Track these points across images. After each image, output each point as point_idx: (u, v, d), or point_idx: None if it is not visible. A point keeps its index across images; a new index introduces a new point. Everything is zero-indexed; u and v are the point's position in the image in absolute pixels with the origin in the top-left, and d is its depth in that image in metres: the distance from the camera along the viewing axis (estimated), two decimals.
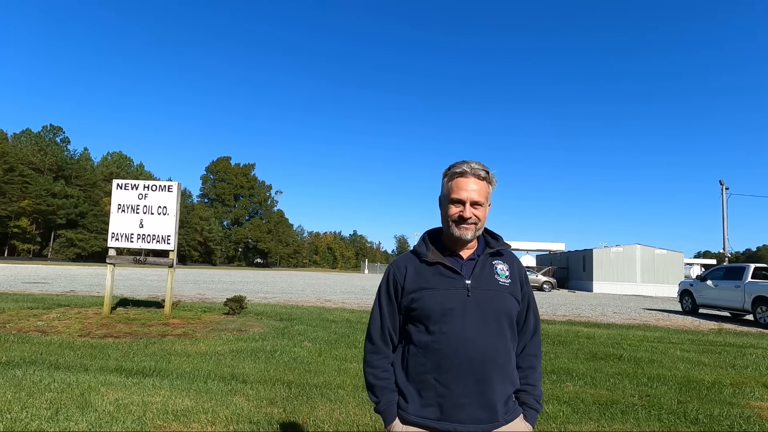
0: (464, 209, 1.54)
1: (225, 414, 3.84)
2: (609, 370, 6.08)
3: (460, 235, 1.55)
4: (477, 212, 1.55)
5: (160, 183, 9.40)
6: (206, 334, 7.57)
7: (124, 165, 77.14)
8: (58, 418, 3.59)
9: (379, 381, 1.60)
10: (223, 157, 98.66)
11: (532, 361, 1.64)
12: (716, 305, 15.14)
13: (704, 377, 5.85)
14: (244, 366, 5.55)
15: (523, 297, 1.64)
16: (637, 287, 33.69)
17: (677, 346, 8.37)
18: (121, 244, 9.09)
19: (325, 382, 5.00)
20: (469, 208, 1.54)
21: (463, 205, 1.55)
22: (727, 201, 28.96)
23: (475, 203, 1.55)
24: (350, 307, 13.62)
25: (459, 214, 1.55)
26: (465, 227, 1.55)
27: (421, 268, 1.58)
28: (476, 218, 1.55)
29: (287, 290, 20.92)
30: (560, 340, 8.41)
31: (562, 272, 39.17)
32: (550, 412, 4.22)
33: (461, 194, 1.55)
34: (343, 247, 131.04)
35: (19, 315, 8.65)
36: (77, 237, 64.63)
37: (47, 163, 64.92)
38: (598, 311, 15.95)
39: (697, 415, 4.32)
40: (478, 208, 1.56)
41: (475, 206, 1.55)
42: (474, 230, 1.56)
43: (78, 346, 6.33)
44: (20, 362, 5.27)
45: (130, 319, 8.55)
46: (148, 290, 16.11)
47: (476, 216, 1.55)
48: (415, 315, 1.55)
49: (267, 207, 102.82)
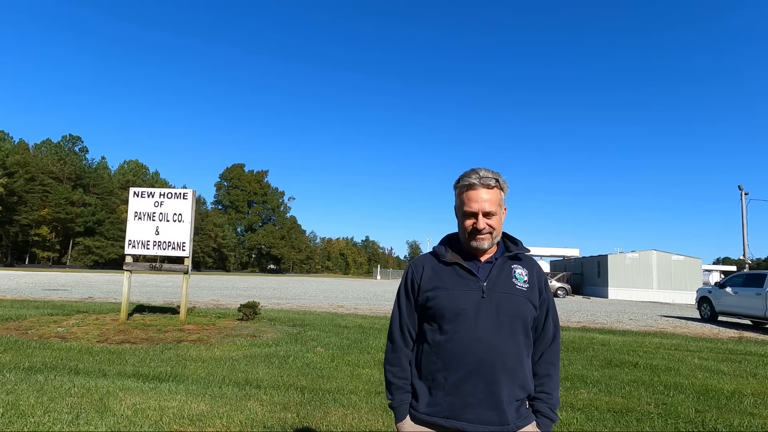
0: (477, 221, 1.56)
1: (239, 419, 3.89)
2: (624, 378, 6.00)
3: (477, 245, 1.58)
4: (491, 222, 1.57)
5: (175, 191, 9.57)
6: (221, 339, 7.65)
7: (140, 173, 78.47)
8: (79, 422, 3.68)
9: (397, 380, 1.63)
10: (237, 164, 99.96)
11: (549, 369, 1.64)
12: (736, 313, 14.79)
13: (723, 386, 5.74)
14: (257, 371, 5.61)
15: (542, 303, 1.64)
16: (654, 294, 33.08)
17: (695, 354, 8.21)
18: (137, 251, 9.26)
19: (338, 387, 5.02)
20: (482, 219, 1.56)
21: (476, 217, 1.56)
22: (746, 206, 28.44)
23: (487, 213, 1.56)
24: (363, 313, 13.63)
25: (473, 226, 1.57)
26: (480, 238, 1.57)
27: (439, 268, 1.61)
28: (490, 228, 1.57)
29: (300, 296, 21.02)
30: (574, 347, 8.32)
31: (577, 278, 38.65)
32: (564, 419, 4.19)
33: (473, 206, 1.57)
34: (356, 253, 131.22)
35: (40, 321, 8.85)
36: (95, 244, 65.80)
37: (66, 172, 66.35)
38: (613, 318, 15.71)
39: (716, 425, 4.24)
40: (491, 217, 1.57)
41: (488, 216, 1.57)
42: (490, 239, 1.58)
43: (96, 351, 6.46)
44: (42, 367, 5.40)
45: (146, 325, 8.69)
46: (164, 297, 16.32)
47: (490, 226, 1.57)
48: (430, 314, 1.58)
49: (280, 213, 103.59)
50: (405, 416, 1.59)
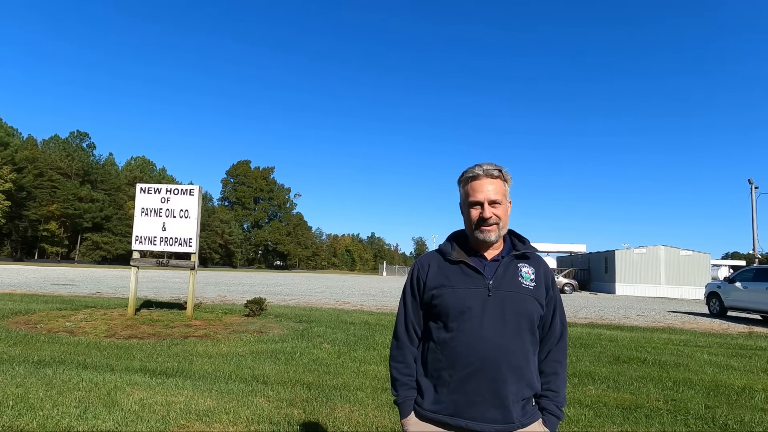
0: (484, 210, 1.54)
1: (246, 414, 3.89)
2: (632, 374, 5.95)
3: (484, 237, 1.55)
4: (496, 211, 1.55)
5: (182, 187, 9.59)
6: (227, 335, 7.68)
7: (147, 169, 78.97)
8: (87, 416, 3.70)
9: (402, 377, 1.63)
10: (243, 160, 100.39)
11: (556, 367, 1.62)
12: (746, 308, 14.66)
13: (734, 382, 5.68)
14: (264, 367, 5.62)
15: (549, 302, 1.62)
16: (661, 289, 32.87)
17: (704, 349, 8.13)
18: (144, 247, 9.30)
19: (344, 383, 5.02)
20: (488, 208, 1.54)
21: (482, 206, 1.54)
22: (756, 200, 28.11)
23: (493, 202, 1.54)
24: (369, 310, 13.64)
25: (480, 216, 1.55)
26: (487, 229, 1.55)
27: (444, 266, 1.60)
28: (497, 217, 1.55)
29: (306, 292, 21.08)
30: (582, 343, 8.27)
31: (584, 274, 38.49)
32: (572, 415, 4.16)
33: (478, 196, 1.55)
34: (362, 250, 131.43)
35: (49, 316, 8.93)
36: (102, 240, 66.44)
37: (74, 168, 66.93)
38: (620, 313, 15.62)
39: (727, 421, 4.19)
40: (497, 206, 1.55)
41: (494, 205, 1.55)
42: (497, 230, 1.56)
43: (104, 346, 6.51)
44: (51, 361, 5.45)
45: (153, 320, 8.74)
46: (171, 292, 16.43)
47: (496, 215, 1.55)
48: (435, 312, 1.57)
49: (286, 210, 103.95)
50: (410, 412, 1.58)
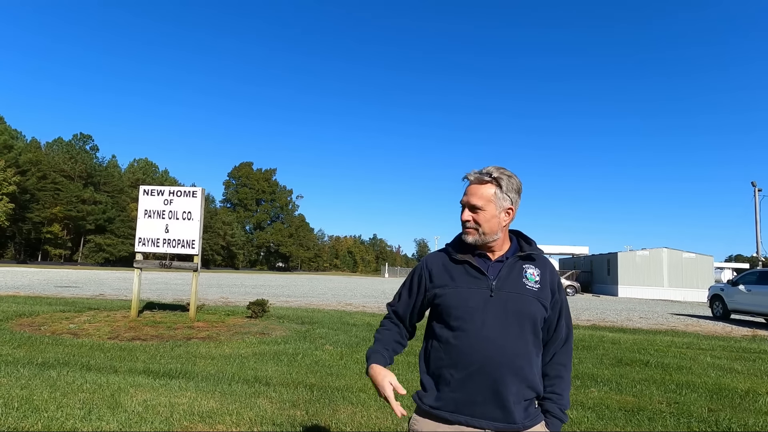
0: (462, 213, 1.59)
1: (249, 416, 3.91)
2: (635, 376, 5.94)
3: (464, 238, 1.60)
4: (476, 216, 1.56)
5: (184, 189, 9.63)
6: (230, 337, 7.70)
7: (149, 171, 79.13)
8: (91, 418, 3.72)
9: (379, 335, 1.73)
10: (245, 162, 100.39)
11: (560, 370, 1.63)
12: (749, 311, 14.61)
13: (737, 385, 5.66)
14: (267, 369, 5.63)
15: (554, 304, 1.62)
16: (664, 292, 32.75)
17: (707, 352, 8.11)
18: (147, 249, 9.34)
19: (346, 385, 5.03)
20: (465, 212, 1.58)
21: (463, 209, 1.60)
22: (759, 203, 28.06)
23: (472, 207, 1.56)
24: (371, 311, 13.65)
25: (461, 218, 1.61)
26: (465, 231, 1.59)
27: (449, 265, 1.61)
28: (474, 223, 1.56)
29: (308, 294, 21.09)
30: (584, 345, 8.26)
31: (586, 276, 38.37)
32: (575, 417, 4.16)
33: (463, 199, 1.61)
34: (363, 251, 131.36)
35: (53, 318, 8.96)
36: (105, 242, 66.57)
37: (77, 170, 67.11)
38: (623, 316, 15.58)
39: (730, 425, 4.18)
40: (477, 212, 1.55)
41: (473, 210, 1.56)
42: (476, 235, 1.57)
43: (107, 348, 6.53)
44: (54, 363, 5.47)
45: (156, 322, 8.77)
46: (174, 294, 16.47)
47: (474, 220, 1.56)
48: (438, 310, 1.59)
49: (288, 211, 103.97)
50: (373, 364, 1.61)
